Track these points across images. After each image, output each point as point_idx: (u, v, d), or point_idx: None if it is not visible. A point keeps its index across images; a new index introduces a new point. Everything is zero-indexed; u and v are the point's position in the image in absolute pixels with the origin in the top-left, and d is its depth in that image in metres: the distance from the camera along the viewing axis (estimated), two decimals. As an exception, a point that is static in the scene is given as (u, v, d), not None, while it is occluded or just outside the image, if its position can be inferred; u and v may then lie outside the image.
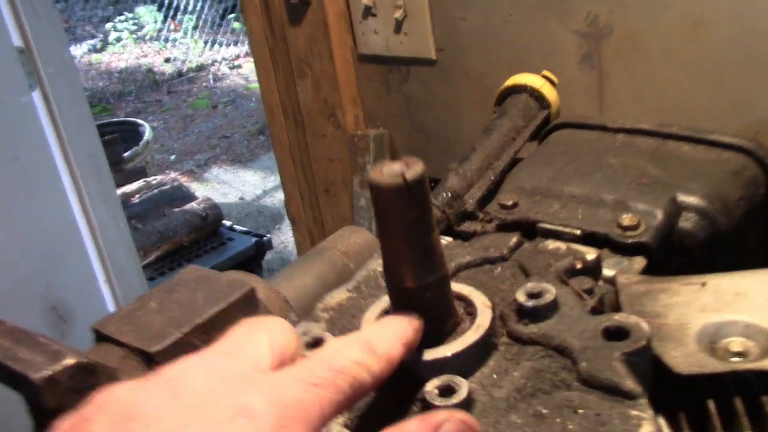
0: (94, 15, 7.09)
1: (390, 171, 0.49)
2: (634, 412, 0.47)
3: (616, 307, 0.59)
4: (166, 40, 6.51)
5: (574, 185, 0.72)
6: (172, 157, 4.93)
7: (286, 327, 0.45)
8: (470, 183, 0.76)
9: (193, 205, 3.25)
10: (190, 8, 6.34)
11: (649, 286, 0.60)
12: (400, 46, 1.53)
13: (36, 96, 2.60)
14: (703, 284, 0.58)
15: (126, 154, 3.82)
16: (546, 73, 0.89)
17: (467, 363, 0.52)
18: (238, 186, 4.46)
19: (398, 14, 1.49)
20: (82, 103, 2.64)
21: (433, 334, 0.53)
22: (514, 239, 0.65)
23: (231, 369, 0.40)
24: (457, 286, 0.58)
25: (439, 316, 0.53)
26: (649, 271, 0.63)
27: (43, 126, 2.48)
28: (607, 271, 0.63)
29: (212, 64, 6.21)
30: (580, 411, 0.47)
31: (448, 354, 0.52)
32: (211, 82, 5.97)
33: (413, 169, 0.49)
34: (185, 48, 6.35)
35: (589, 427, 0.46)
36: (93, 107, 5.47)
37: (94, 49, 6.51)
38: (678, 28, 1.15)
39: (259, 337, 0.43)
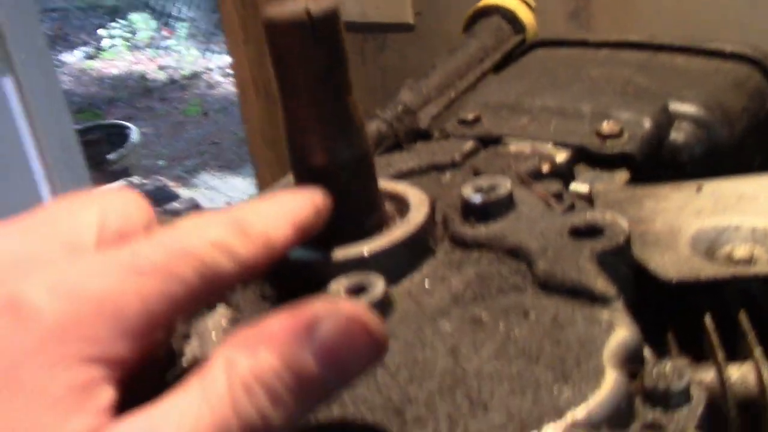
0: (88, 23, 7.03)
1: (292, 6, 0.37)
2: (605, 315, 0.35)
3: (590, 216, 0.47)
4: (160, 47, 6.44)
5: (547, 98, 0.60)
6: (161, 162, 4.83)
7: (133, 200, 0.33)
8: (426, 100, 0.65)
9: (175, 204, 3.15)
10: (183, 16, 6.26)
11: (632, 192, 0.48)
12: (376, 11, 1.42)
13: (7, 82, 2.50)
14: (699, 188, 0.47)
15: (111, 156, 3.74)
16: (523, -5, 0.78)
17: (390, 266, 0.40)
18: (226, 191, 4.37)
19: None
20: (57, 93, 2.54)
21: (351, 232, 0.41)
22: (468, 144, 0.53)
23: (23, 248, 0.28)
24: (388, 184, 0.46)
25: (358, 207, 0.41)
26: (634, 187, 0.52)
27: (15, 115, 2.39)
28: (582, 187, 0.51)
29: (205, 72, 6.13)
30: (532, 315, 0.35)
31: (364, 252, 0.40)
32: (204, 89, 5.89)
33: (321, 2, 0.37)
34: (178, 56, 6.27)
35: (541, 333, 0.34)
36: (83, 113, 5.39)
37: (88, 56, 6.44)
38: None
39: (87, 209, 0.31)
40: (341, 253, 0.40)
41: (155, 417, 0.25)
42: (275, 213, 0.32)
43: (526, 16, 0.76)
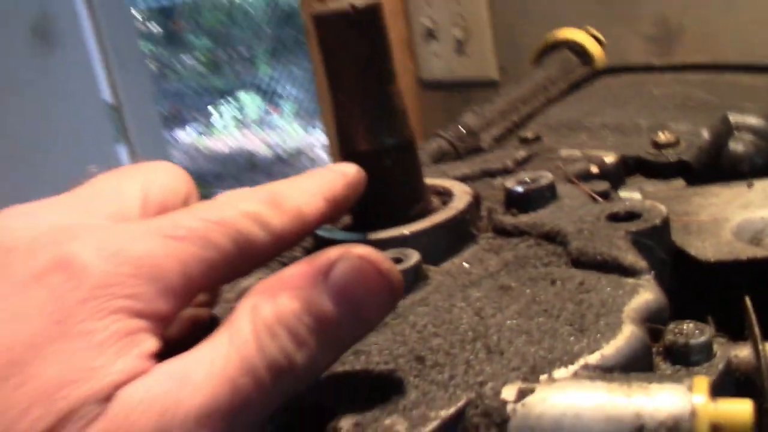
0: (201, 103, 7.43)
1: (339, 2, 0.41)
2: (631, 281, 0.35)
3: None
4: (266, 125, 6.74)
5: (606, 116, 0.61)
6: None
7: (175, 173, 0.36)
8: (489, 123, 0.67)
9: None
10: (289, 95, 6.55)
11: (681, 191, 0.48)
12: (462, 68, 1.46)
13: (122, 150, 2.68)
14: (750, 185, 0.46)
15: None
16: (591, 29, 0.80)
17: (430, 248, 0.41)
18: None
19: (458, 32, 1.43)
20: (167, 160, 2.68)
21: (395, 218, 0.43)
22: (521, 153, 0.54)
23: (71, 216, 0.31)
24: (436, 180, 0.48)
25: (401, 194, 0.43)
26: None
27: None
28: (631, 193, 0.52)
29: (308, 148, 6.36)
30: (559, 282, 0.36)
31: (406, 232, 0.41)
32: (307, 164, 6.09)
33: (365, 0, 0.41)
34: (283, 132, 6.54)
35: (566, 296, 0.34)
36: (192, 186, 5.65)
37: (200, 134, 6.80)
38: (755, 25, 1.04)
39: (131, 183, 0.34)
40: (383, 234, 0.42)
41: (190, 361, 0.27)
42: (308, 187, 0.35)
43: (594, 48, 0.78)
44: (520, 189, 0.44)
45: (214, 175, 6.15)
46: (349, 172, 0.38)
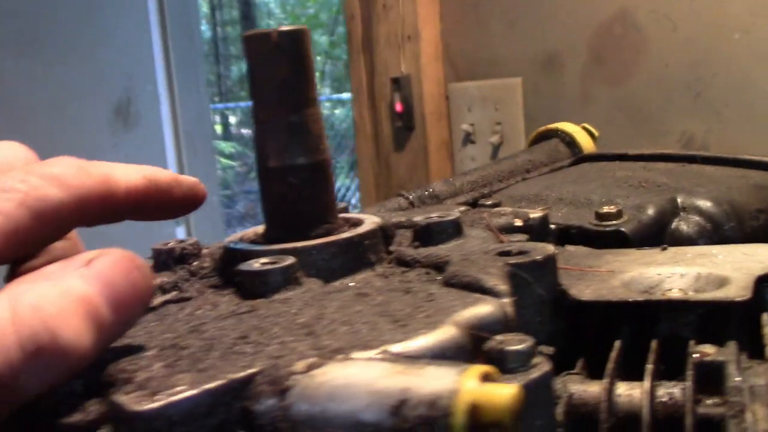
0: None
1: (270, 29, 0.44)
2: (478, 296, 0.35)
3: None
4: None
5: (564, 191, 0.62)
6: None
7: (11, 147, 0.37)
8: (457, 191, 0.68)
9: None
10: (357, 206, 6.70)
11: (599, 252, 0.48)
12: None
13: (180, 232, 2.77)
14: (664, 248, 0.46)
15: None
16: (586, 125, 0.81)
17: (320, 265, 0.42)
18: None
19: (494, 139, 1.46)
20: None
21: (298, 234, 0.44)
22: (462, 208, 0.55)
23: None
24: (355, 214, 0.49)
25: (307, 212, 0.44)
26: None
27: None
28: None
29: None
30: (412, 293, 0.36)
31: (298, 246, 0.42)
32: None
33: (291, 27, 0.43)
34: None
35: (410, 302, 0.35)
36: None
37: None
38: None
39: None
40: (277, 247, 0.43)
41: None
42: (126, 165, 0.36)
43: (584, 141, 0.79)
44: (422, 222, 0.45)
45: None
46: (184, 176, 0.39)
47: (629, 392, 0.34)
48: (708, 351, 0.35)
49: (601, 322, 0.39)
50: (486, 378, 0.26)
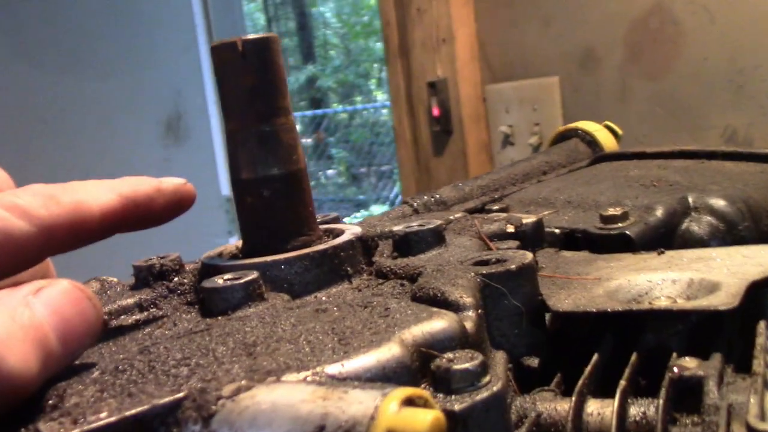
0: (337, 212, 7.65)
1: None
2: (434, 310, 0.33)
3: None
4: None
5: (573, 194, 0.59)
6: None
7: None
8: (466, 197, 0.65)
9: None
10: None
11: (593, 257, 0.45)
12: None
13: (233, 242, 2.80)
14: (661, 252, 0.43)
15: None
16: (609, 123, 0.78)
17: (293, 279, 0.41)
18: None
19: (533, 140, 1.42)
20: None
21: (274, 248, 0.42)
22: (458, 214, 0.53)
23: None
24: (338, 225, 0.47)
25: (281, 224, 0.43)
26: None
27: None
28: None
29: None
30: (370, 307, 0.34)
31: (268, 260, 0.41)
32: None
33: (258, 36, 0.42)
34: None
35: (365, 318, 0.33)
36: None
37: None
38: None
39: None
40: (248, 261, 0.41)
41: None
42: (105, 184, 0.35)
43: (605, 139, 0.76)
44: (400, 232, 0.43)
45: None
46: (169, 181, 0.38)
47: (600, 410, 0.31)
48: (688, 365, 0.32)
49: (583, 333, 0.36)
50: (410, 402, 0.24)
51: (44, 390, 0.30)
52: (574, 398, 0.32)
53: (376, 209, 6.98)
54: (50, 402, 0.29)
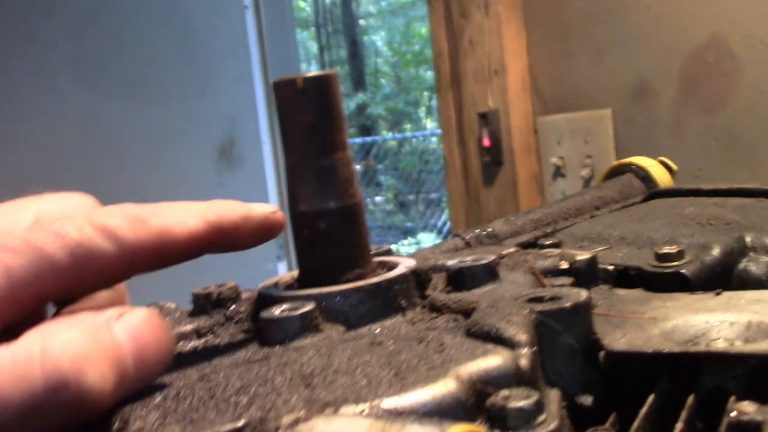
0: (386, 240, 7.70)
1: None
2: (490, 347, 0.33)
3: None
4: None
5: (627, 230, 0.59)
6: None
7: (74, 198, 0.38)
8: (518, 230, 0.66)
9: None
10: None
11: (649, 295, 0.45)
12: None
13: (281, 267, 2.83)
14: (719, 293, 0.42)
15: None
16: (664, 158, 0.77)
17: (348, 311, 0.41)
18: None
19: (585, 173, 1.41)
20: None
21: (328, 278, 0.43)
22: (510, 249, 0.53)
23: None
24: (392, 257, 0.48)
25: (338, 257, 0.44)
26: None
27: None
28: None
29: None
30: (425, 342, 0.34)
31: (322, 291, 0.42)
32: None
33: (318, 73, 0.44)
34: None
35: (420, 352, 0.33)
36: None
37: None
38: None
39: (25, 209, 0.36)
40: (304, 293, 0.42)
41: None
42: (192, 208, 0.36)
43: (660, 175, 0.75)
44: (454, 266, 0.43)
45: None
46: (259, 208, 0.39)
47: (655, 453, 0.31)
48: (747, 409, 0.32)
49: (637, 374, 0.36)
50: (467, 438, 0.24)
51: (110, 413, 0.31)
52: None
53: (424, 237, 6.98)
54: (115, 426, 0.30)
